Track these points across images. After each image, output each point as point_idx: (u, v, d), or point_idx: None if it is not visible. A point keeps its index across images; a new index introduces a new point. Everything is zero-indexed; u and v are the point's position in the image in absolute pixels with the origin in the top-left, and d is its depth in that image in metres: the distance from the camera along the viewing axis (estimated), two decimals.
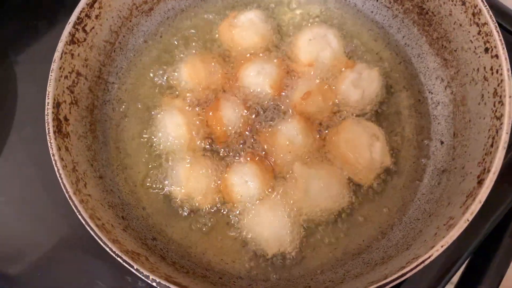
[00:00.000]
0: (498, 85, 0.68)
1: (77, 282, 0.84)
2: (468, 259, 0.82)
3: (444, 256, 0.77)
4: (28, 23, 1.04)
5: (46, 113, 0.70)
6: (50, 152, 0.68)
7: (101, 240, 0.63)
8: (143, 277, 0.61)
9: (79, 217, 0.65)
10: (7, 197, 0.90)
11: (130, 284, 0.81)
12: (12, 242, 0.87)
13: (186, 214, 0.80)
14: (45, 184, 0.89)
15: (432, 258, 0.60)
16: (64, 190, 0.66)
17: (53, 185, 0.69)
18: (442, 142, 0.82)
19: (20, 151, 0.93)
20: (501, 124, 0.66)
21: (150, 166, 0.83)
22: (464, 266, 0.83)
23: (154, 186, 0.82)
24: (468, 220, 0.61)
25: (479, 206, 0.62)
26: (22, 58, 1.01)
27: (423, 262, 0.60)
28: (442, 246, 0.60)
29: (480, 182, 0.64)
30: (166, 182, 0.81)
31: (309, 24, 0.92)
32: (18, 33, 1.03)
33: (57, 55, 0.73)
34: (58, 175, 0.67)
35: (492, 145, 0.66)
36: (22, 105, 0.96)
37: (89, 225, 0.64)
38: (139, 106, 0.88)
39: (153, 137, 0.85)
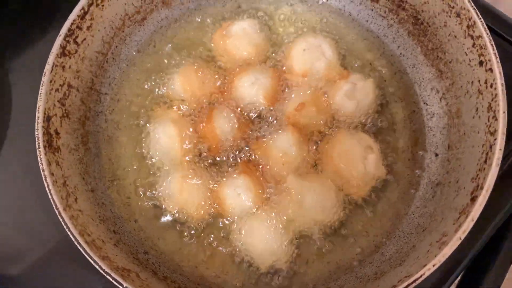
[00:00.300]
0: (492, 100, 0.68)
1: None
2: (462, 273, 0.81)
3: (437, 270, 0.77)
4: (22, 31, 1.03)
5: (36, 128, 0.70)
6: (40, 167, 0.68)
7: (91, 257, 0.62)
8: None
9: (69, 233, 0.64)
10: (2, 206, 0.89)
11: None
12: (10, 244, 0.87)
13: (178, 226, 0.79)
14: (41, 191, 0.85)
15: (424, 277, 0.59)
16: (54, 206, 0.66)
17: (47, 194, 0.68)
18: (436, 155, 0.81)
19: (14, 158, 0.92)
20: (495, 139, 0.65)
21: (143, 178, 0.83)
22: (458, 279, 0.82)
23: (146, 198, 0.81)
24: (460, 238, 0.60)
25: (472, 224, 0.61)
26: (16, 66, 1.00)
27: (414, 281, 0.59)
28: (434, 265, 0.59)
29: (473, 199, 0.63)
30: (159, 194, 0.81)
31: (304, 34, 0.91)
32: (12, 41, 1.02)
33: (47, 68, 0.73)
34: (48, 191, 0.67)
35: (485, 161, 0.65)
36: (16, 113, 0.95)
37: (78, 242, 0.63)
38: (132, 116, 0.87)
39: (146, 148, 0.84)
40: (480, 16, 0.71)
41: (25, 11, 1.06)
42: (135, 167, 0.84)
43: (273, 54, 0.90)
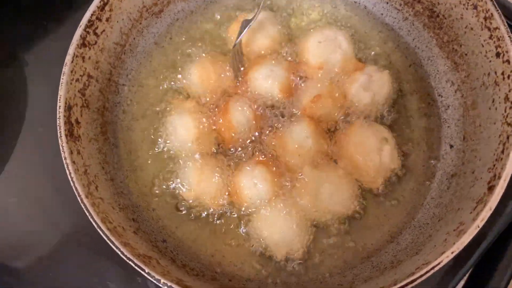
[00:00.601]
0: (510, 91, 0.68)
1: (88, 282, 0.85)
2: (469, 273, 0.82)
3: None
4: (38, 23, 1.04)
5: (58, 117, 0.71)
6: (62, 155, 0.69)
7: (113, 243, 0.63)
8: (154, 281, 0.62)
9: (91, 220, 0.65)
10: (19, 198, 0.90)
11: (140, 285, 0.82)
12: (24, 242, 0.88)
13: (195, 216, 0.80)
14: (57, 184, 0.89)
15: (442, 264, 0.60)
16: (76, 194, 0.67)
17: (64, 185, 0.69)
18: (451, 146, 0.81)
19: (31, 151, 0.93)
20: None
21: (160, 168, 0.84)
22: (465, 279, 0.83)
23: (164, 187, 0.83)
24: (478, 227, 0.61)
25: (490, 212, 0.62)
26: (32, 58, 1.01)
27: (433, 268, 0.60)
28: (452, 253, 0.60)
29: (491, 189, 0.64)
30: (176, 184, 0.82)
31: (319, 26, 0.91)
32: (28, 33, 1.03)
33: (68, 58, 0.74)
34: (70, 179, 0.68)
35: (503, 151, 0.66)
36: (32, 105, 0.96)
37: (101, 229, 0.64)
38: (149, 107, 0.88)
39: (163, 139, 0.85)
40: (498, 8, 0.71)
41: (38, 5, 1.06)
42: (152, 157, 0.85)
43: (289, 46, 0.90)
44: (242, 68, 0.87)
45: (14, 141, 0.94)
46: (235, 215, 0.80)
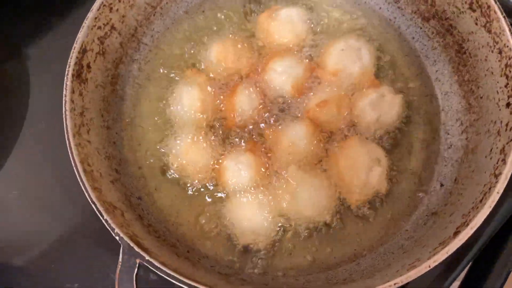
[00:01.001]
0: (507, 143, 0.66)
1: (89, 274, 0.87)
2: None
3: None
4: (42, 18, 1.04)
5: (70, 57, 0.74)
6: (64, 92, 0.72)
7: (83, 184, 0.66)
8: (110, 230, 0.64)
9: (71, 158, 0.68)
10: (20, 192, 0.92)
11: (141, 277, 0.84)
12: (25, 235, 0.90)
13: (177, 183, 0.83)
14: (58, 178, 0.90)
15: None
16: (65, 131, 0.70)
17: (66, 180, 0.70)
18: (442, 185, 0.80)
19: (32, 146, 0.94)
20: (496, 182, 0.64)
21: (158, 130, 0.87)
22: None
23: (155, 149, 0.85)
24: (429, 267, 0.60)
25: (445, 256, 0.60)
26: (35, 53, 1.01)
27: None
28: (395, 284, 0.59)
29: (456, 234, 0.62)
30: (167, 148, 0.84)
31: (346, 34, 0.91)
32: (31, 28, 1.03)
33: (95, 5, 0.77)
34: (64, 116, 0.71)
35: (481, 201, 0.64)
36: (35, 101, 0.97)
37: (76, 168, 0.67)
38: (164, 72, 0.91)
39: (168, 103, 0.87)
40: None
41: (41, 1, 1.06)
42: (153, 119, 0.88)
43: (311, 46, 0.90)
44: None
45: (16, 135, 0.95)
46: (212, 194, 0.82)
